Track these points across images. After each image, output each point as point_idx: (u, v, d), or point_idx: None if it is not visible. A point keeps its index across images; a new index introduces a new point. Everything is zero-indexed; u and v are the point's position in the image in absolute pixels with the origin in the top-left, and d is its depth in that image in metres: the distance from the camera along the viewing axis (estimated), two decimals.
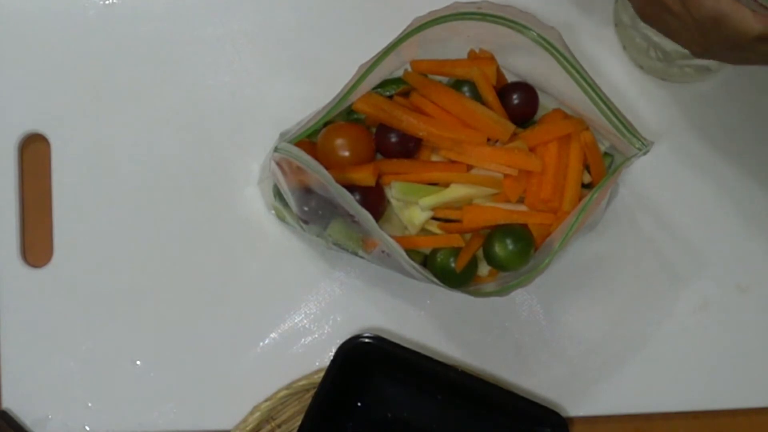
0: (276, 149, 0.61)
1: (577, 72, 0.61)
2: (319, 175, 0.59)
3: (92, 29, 0.74)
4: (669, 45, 0.70)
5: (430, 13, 0.60)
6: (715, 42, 0.55)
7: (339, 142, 0.64)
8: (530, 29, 0.60)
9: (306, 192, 0.63)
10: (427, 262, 0.66)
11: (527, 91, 0.66)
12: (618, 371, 0.74)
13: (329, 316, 0.74)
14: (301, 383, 0.72)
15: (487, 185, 0.64)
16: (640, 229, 0.75)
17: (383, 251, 0.62)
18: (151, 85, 0.74)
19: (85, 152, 0.73)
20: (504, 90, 0.66)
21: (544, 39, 0.60)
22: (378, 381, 0.72)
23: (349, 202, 0.59)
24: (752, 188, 0.76)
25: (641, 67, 0.74)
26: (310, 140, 0.64)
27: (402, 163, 0.65)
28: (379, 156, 0.66)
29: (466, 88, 0.66)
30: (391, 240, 0.59)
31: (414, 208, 0.64)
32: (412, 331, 0.74)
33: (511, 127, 0.64)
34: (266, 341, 0.73)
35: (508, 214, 0.64)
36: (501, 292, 0.62)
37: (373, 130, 0.66)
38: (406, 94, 0.66)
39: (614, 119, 0.62)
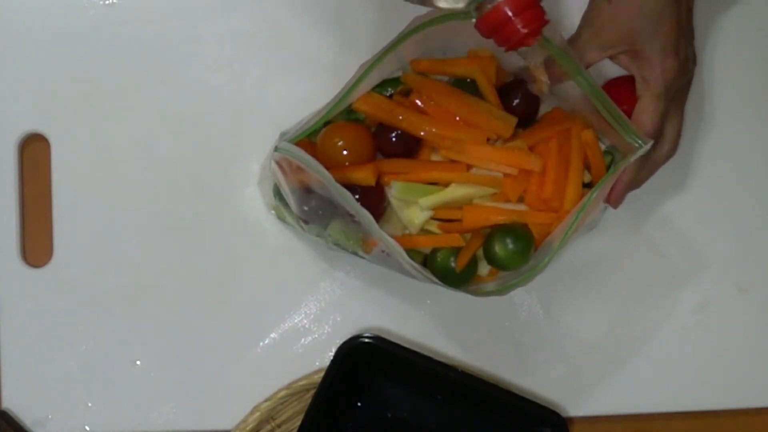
0: (276, 149, 0.61)
1: (578, 71, 0.61)
2: (319, 175, 0.59)
3: (92, 29, 0.74)
4: None
5: (430, 12, 0.60)
6: None
7: (339, 142, 0.64)
8: None
9: (306, 192, 0.63)
10: (427, 262, 0.66)
11: (527, 90, 0.66)
12: (618, 371, 0.74)
13: (329, 316, 0.74)
14: (301, 383, 0.72)
15: (487, 185, 0.64)
16: (640, 229, 0.75)
17: (383, 251, 0.62)
18: (151, 85, 0.74)
19: (85, 152, 0.73)
20: (504, 89, 0.66)
21: (545, 38, 0.60)
22: (378, 381, 0.72)
23: (349, 201, 0.59)
24: (752, 188, 0.76)
25: None
26: (310, 140, 0.64)
27: (402, 163, 0.65)
28: (379, 156, 0.66)
29: (466, 88, 0.66)
30: (391, 240, 0.59)
31: (414, 208, 0.65)
32: (412, 331, 0.74)
33: (513, 120, 0.64)
34: (266, 341, 0.73)
35: (508, 214, 0.64)
36: (501, 291, 0.62)
37: (373, 130, 0.66)
38: (406, 94, 0.66)
39: (614, 118, 0.62)
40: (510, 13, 0.52)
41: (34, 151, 0.74)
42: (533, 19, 0.53)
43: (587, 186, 0.66)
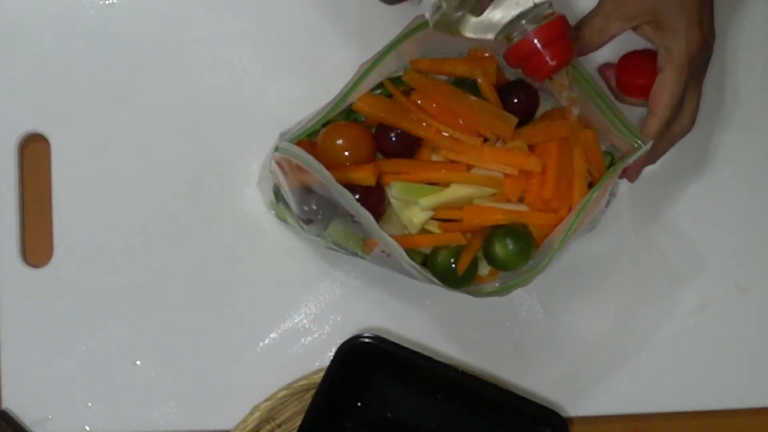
0: (277, 149, 0.61)
1: (577, 71, 0.61)
2: (320, 175, 0.59)
3: (92, 29, 0.74)
4: None
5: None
6: None
7: (339, 142, 0.64)
8: None
9: (306, 192, 0.63)
10: (428, 262, 0.66)
11: (527, 90, 0.66)
12: (618, 371, 0.74)
13: (329, 316, 0.74)
14: (301, 383, 0.72)
15: (487, 185, 0.64)
16: (640, 229, 0.75)
17: (383, 251, 0.62)
18: (151, 85, 0.74)
19: (85, 152, 0.73)
20: (504, 89, 0.66)
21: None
22: (378, 381, 0.72)
23: (349, 201, 0.59)
24: (752, 188, 0.76)
25: None
26: (310, 140, 0.64)
27: (402, 163, 0.65)
28: (379, 156, 0.66)
29: (466, 88, 0.66)
30: (391, 240, 0.59)
31: (414, 208, 0.65)
32: (412, 331, 0.74)
33: (513, 120, 0.64)
34: (266, 341, 0.73)
35: (508, 214, 0.64)
36: (501, 292, 0.62)
37: (373, 130, 0.66)
38: (406, 94, 0.66)
39: (614, 118, 0.62)
40: (539, 45, 0.53)
41: (34, 151, 0.74)
42: (562, 51, 0.54)
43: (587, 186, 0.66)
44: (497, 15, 0.54)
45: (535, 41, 0.54)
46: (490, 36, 0.54)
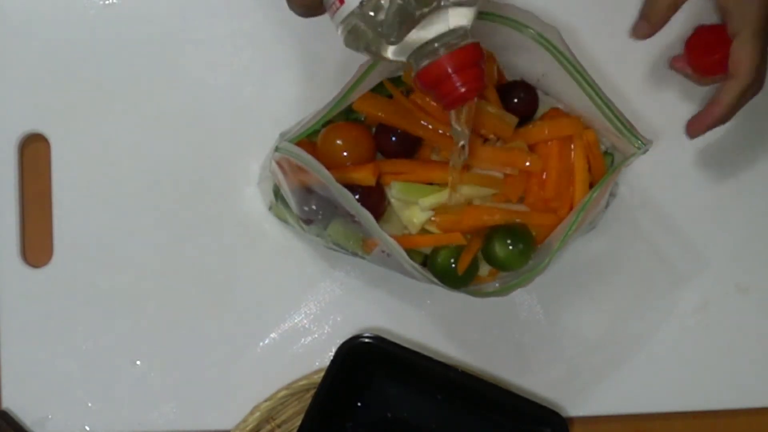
0: (277, 149, 0.61)
1: (577, 71, 0.61)
2: (320, 175, 0.59)
3: (92, 29, 0.74)
4: None
5: None
6: None
7: (339, 142, 0.64)
8: (530, 27, 0.60)
9: (306, 192, 0.63)
10: (428, 262, 0.66)
11: (527, 90, 0.66)
12: (618, 371, 0.74)
13: (329, 316, 0.74)
14: (301, 383, 0.72)
15: (487, 185, 0.64)
16: (640, 229, 0.75)
17: (383, 251, 0.62)
18: (151, 84, 0.74)
19: (85, 152, 0.73)
20: (504, 89, 0.66)
21: (544, 37, 0.61)
22: (378, 381, 0.72)
23: (350, 201, 0.59)
24: (752, 188, 0.76)
25: None
26: (310, 140, 0.64)
27: (402, 163, 0.65)
28: (379, 156, 0.66)
29: None
30: (391, 240, 0.59)
31: (414, 208, 0.64)
32: (412, 331, 0.74)
33: (513, 120, 0.64)
34: (266, 341, 0.73)
35: (508, 214, 0.64)
36: (501, 292, 0.62)
37: (373, 130, 0.66)
38: (406, 94, 0.66)
39: (614, 118, 0.62)
40: (450, 70, 0.51)
41: (34, 151, 0.74)
42: (473, 78, 0.52)
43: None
44: (412, 36, 0.51)
45: (446, 65, 0.51)
46: (403, 58, 0.53)
